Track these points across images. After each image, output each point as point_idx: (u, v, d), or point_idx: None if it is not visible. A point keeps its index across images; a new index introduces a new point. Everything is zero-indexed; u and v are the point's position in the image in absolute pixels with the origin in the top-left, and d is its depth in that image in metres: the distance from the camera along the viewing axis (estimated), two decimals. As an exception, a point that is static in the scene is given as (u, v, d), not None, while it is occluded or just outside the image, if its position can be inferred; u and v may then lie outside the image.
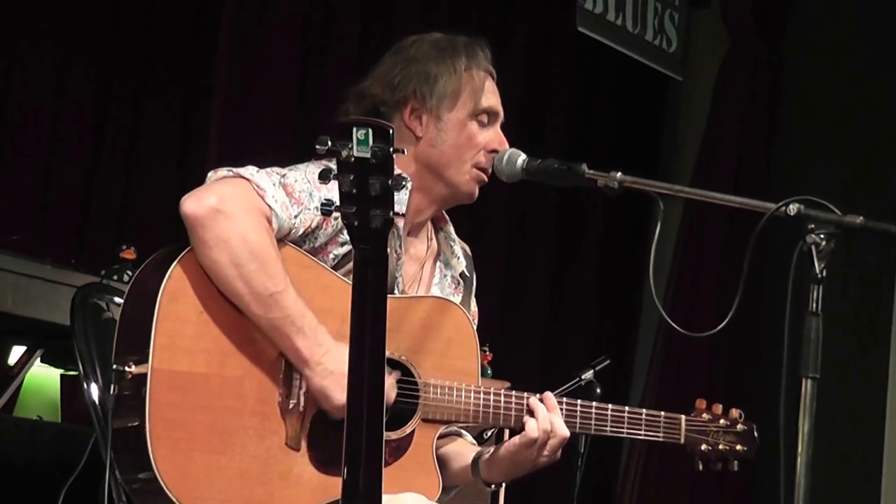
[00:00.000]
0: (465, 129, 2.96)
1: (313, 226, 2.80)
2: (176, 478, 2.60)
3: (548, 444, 2.89)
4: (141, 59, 5.10)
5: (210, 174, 2.79)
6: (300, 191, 2.77)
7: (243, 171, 2.75)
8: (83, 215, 4.95)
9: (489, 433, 3.23)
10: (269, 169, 2.80)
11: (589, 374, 3.66)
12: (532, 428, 2.88)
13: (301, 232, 2.79)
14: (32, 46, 4.82)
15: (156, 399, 2.61)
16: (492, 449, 2.98)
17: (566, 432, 2.91)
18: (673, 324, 2.81)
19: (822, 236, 2.46)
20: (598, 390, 3.59)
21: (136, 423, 2.61)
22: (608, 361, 3.75)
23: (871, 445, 5.93)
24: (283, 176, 2.79)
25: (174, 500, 2.60)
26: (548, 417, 2.89)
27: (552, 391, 3.01)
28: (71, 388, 4.57)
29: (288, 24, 5.26)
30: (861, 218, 2.48)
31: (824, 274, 2.44)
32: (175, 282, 2.67)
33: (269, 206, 2.72)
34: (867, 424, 5.97)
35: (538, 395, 2.93)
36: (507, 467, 2.95)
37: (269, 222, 2.73)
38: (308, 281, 2.74)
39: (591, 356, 3.75)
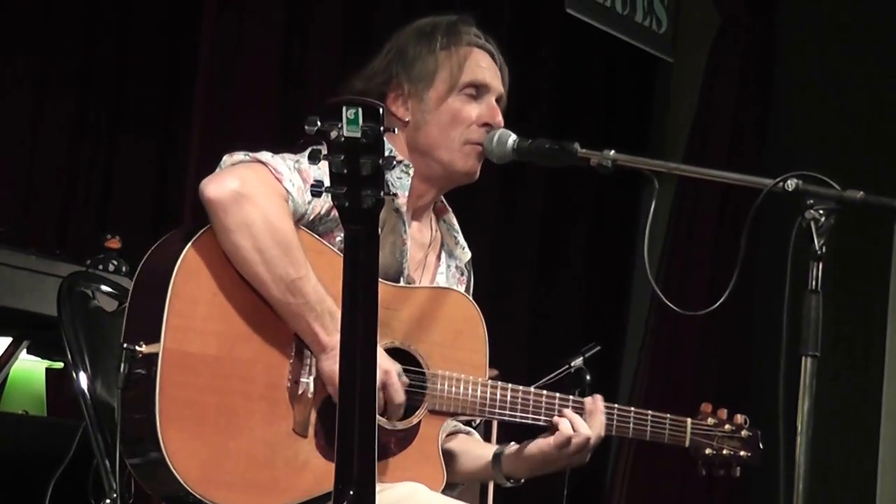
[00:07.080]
0: (449, 107, 2.93)
1: (322, 212, 2.79)
2: (183, 458, 2.57)
3: (586, 446, 2.90)
4: (123, 50, 5.09)
5: (225, 158, 2.75)
6: (314, 177, 2.73)
7: (260, 155, 2.74)
8: (67, 205, 4.92)
9: (477, 421, 3.20)
10: (283, 154, 2.78)
11: (578, 361, 3.62)
12: (567, 427, 2.87)
13: (311, 217, 2.78)
14: (13, 35, 4.78)
15: (166, 379, 2.58)
16: (515, 444, 2.97)
17: (592, 433, 2.90)
18: (668, 302, 2.77)
19: (821, 212, 2.43)
20: (588, 377, 3.56)
21: (146, 403, 2.58)
22: (598, 348, 3.71)
23: (868, 425, 5.91)
24: (297, 161, 2.77)
25: (181, 480, 2.56)
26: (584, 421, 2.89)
27: (540, 378, 2.98)
28: (56, 381, 4.54)
29: (268, 28, 5.22)
30: (861, 192, 2.45)
31: (824, 250, 2.41)
32: (190, 262, 2.65)
33: (287, 190, 2.71)
34: (864, 404, 5.95)
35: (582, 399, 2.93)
36: (536, 464, 2.94)
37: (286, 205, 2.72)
38: (322, 267, 2.71)
39: (579, 341, 3.71)
